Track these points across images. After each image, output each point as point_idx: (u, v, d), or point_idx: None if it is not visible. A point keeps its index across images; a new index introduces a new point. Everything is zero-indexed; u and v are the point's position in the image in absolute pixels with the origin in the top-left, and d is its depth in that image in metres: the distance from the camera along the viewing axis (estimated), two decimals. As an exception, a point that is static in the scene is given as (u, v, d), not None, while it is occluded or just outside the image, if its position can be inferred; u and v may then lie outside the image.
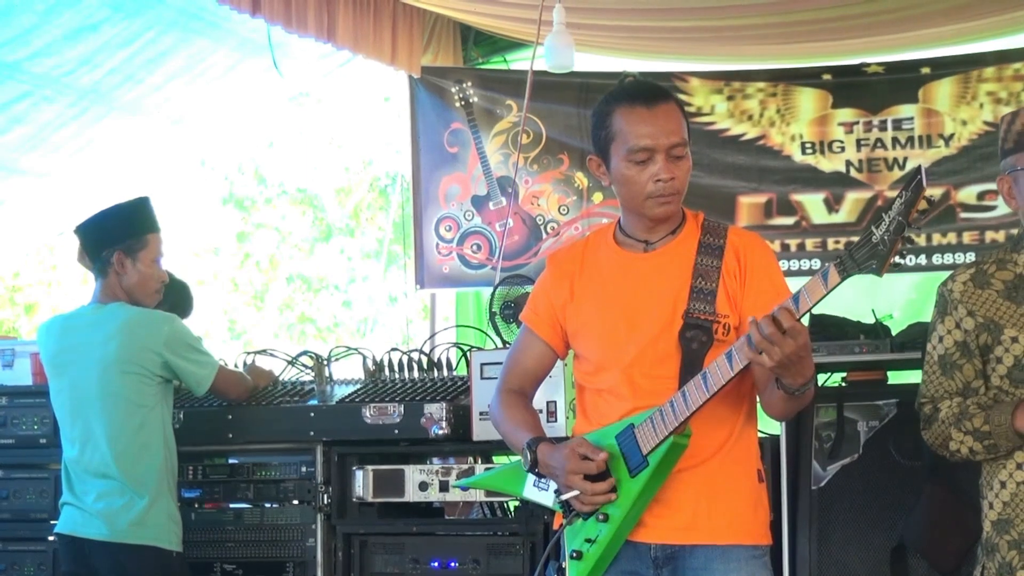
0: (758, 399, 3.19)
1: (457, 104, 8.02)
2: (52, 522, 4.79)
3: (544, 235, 7.95)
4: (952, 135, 7.50)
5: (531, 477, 3.22)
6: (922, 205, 2.65)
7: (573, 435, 3.22)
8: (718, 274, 3.12)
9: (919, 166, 2.69)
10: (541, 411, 4.31)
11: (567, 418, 4.32)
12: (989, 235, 7.35)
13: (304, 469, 4.73)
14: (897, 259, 2.69)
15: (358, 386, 4.85)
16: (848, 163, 7.62)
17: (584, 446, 3.06)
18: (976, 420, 3.11)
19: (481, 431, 4.48)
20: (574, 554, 3.12)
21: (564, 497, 3.09)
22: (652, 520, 3.09)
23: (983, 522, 3.20)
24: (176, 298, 5.79)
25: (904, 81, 7.59)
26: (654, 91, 3.17)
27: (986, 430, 3.09)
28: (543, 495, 3.21)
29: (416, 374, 4.89)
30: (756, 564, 3.13)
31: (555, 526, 3.22)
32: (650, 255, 3.19)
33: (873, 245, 2.69)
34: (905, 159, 7.50)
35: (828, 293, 2.78)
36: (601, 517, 3.08)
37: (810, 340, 2.85)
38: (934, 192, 7.34)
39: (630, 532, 3.09)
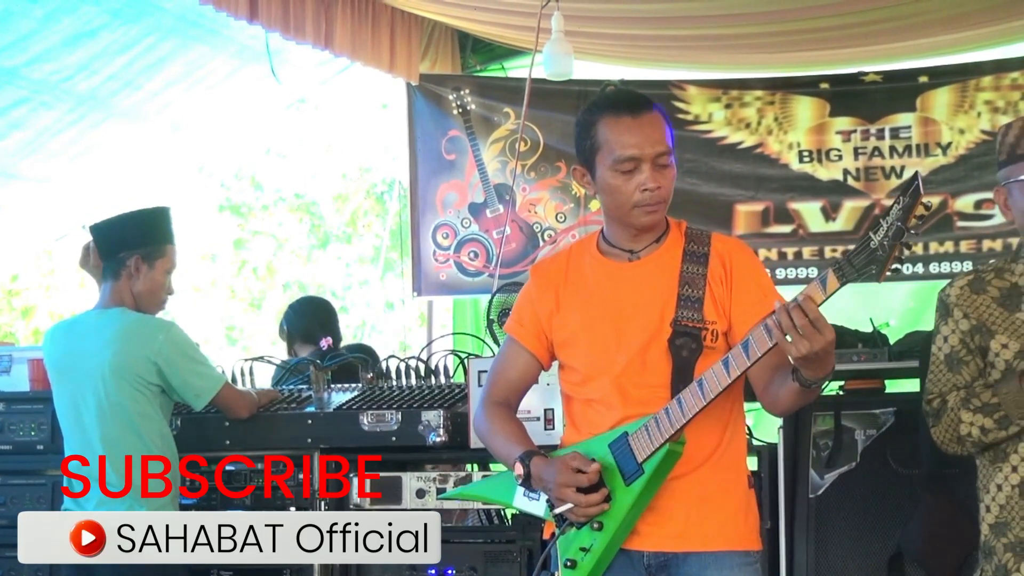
0: (756, 402, 3.19)
1: (455, 111, 8.03)
2: (50, 528, 4.78)
3: (541, 242, 7.96)
4: (950, 144, 7.51)
5: (520, 487, 3.22)
6: (920, 211, 2.66)
7: (562, 445, 3.22)
8: (704, 281, 3.12)
9: (916, 173, 2.69)
10: (538, 419, 4.34)
11: (565, 426, 4.30)
12: (986, 244, 7.37)
13: (301, 476, 4.72)
14: (895, 265, 2.70)
15: (355, 393, 4.85)
16: (845, 171, 7.63)
17: (577, 459, 3.05)
18: (984, 396, 3.14)
19: (479, 438, 4.47)
20: (568, 563, 3.12)
21: (557, 511, 3.08)
22: (645, 528, 3.09)
23: (980, 525, 3.21)
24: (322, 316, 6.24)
25: (902, 90, 7.62)
26: (638, 100, 3.16)
27: (995, 402, 3.11)
28: (534, 504, 3.20)
29: (413, 381, 4.88)
30: (748, 570, 3.14)
31: (545, 535, 3.22)
32: (635, 264, 3.19)
33: (871, 251, 2.69)
34: (903, 168, 7.52)
35: (827, 299, 2.78)
36: (595, 526, 3.07)
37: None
38: (931, 200, 7.37)
39: (624, 540, 3.09)
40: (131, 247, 4.53)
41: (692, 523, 3.09)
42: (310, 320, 6.29)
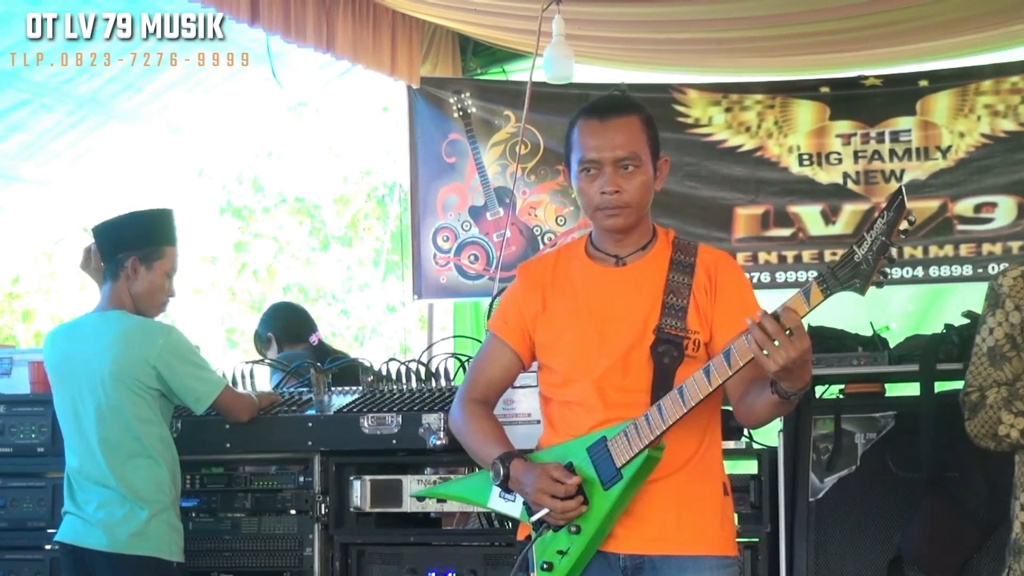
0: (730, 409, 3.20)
1: (455, 115, 8.03)
2: (50, 531, 4.78)
3: (541, 245, 7.96)
4: (949, 147, 7.51)
5: (496, 488, 3.23)
6: (903, 225, 2.68)
7: (539, 446, 3.24)
8: (689, 291, 3.16)
9: (900, 187, 2.72)
10: (538, 422, 4.33)
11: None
12: (986, 247, 7.37)
13: (302, 479, 4.72)
14: (880, 278, 2.71)
15: (356, 396, 4.85)
16: (845, 175, 7.64)
17: (558, 471, 3.07)
18: None
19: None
20: (545, 565, 3.15)
21: (535, 517, 3.11)
22: (622, 531, 3.12)
23: (1013, 522, 3.18)
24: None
25: (902, 94, 7.62)
26: (614, 105, 3.20)
27: None
28: (509, 506, 3.22)
29: (414, 384, 4.88)
30: (727, 573, 3.18)
31: (519, 536, 3.25)
32: (622, 269, 3.22)
33: (856, 264, 2.72)
34: (902, 171, 7.52)
35: (810, 311, 2.80)
36: (573, 529, 3.11)
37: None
38: (931, 205, 7.40)
39: (601, 543, 3.12)
40: (129, 248, 4.51)
41: (668, 527, 3.12)
42: (292, 321, 6.40)
